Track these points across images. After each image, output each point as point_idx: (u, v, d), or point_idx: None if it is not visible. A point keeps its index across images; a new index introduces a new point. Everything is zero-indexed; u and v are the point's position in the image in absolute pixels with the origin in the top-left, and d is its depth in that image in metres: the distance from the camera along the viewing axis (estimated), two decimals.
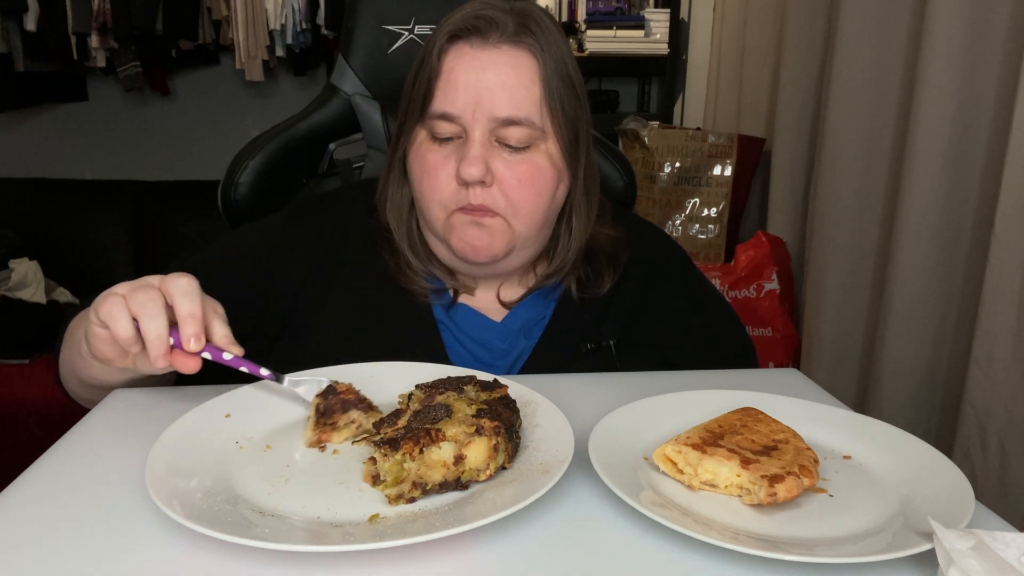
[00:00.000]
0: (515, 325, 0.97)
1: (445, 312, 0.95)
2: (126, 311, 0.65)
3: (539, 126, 0.87)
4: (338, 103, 1.19)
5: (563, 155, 0.90)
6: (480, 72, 0.85)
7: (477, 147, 0.85)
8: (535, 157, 0.88)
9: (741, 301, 2.39)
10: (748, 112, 2.80)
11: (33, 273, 2.79)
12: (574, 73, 0.90)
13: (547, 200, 0.90)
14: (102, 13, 2.81)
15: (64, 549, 0.53)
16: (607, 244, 1.00)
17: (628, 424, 0.69)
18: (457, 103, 0.85)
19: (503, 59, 0.85)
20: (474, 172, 0.84)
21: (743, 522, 0.57)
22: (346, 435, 0.68)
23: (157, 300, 0.65)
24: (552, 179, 0.90)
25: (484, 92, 0.85)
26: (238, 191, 1.11)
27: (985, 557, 0.47)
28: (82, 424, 0.73)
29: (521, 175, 0.87)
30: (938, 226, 1.76)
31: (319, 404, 0.70)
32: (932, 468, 0.64)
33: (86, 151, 3.41)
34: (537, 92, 0.86)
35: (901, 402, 1.87)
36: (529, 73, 0.86)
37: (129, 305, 0.65)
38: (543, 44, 0.87)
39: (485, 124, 0.85)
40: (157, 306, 0.65)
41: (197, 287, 0.67)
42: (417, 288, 0.94)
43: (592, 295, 0.98)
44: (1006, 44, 1.60)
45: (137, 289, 0.66)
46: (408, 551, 0.52)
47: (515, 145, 0.86)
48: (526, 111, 0.85)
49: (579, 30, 2.96)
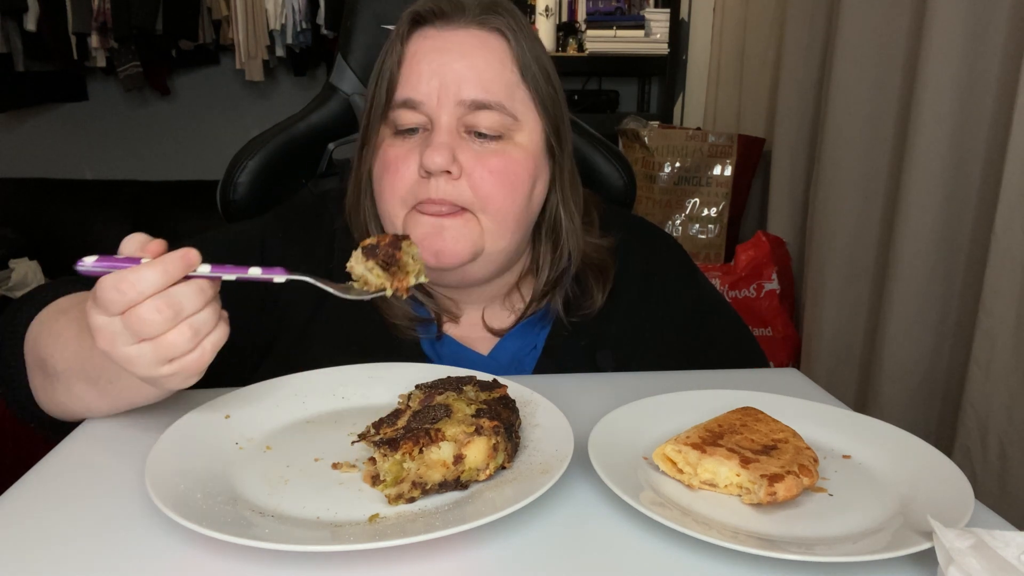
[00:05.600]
0: (504, 358, 0.91)
1: (432, 347, 0.90)
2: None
3: (511, 112, 0.80)
4: (337, 103, 1.19)
5: (544, 148, 0.84)
6: (445, 54, 0.79)
7: (443, 134, 0.78)
8: (508, 148, 0.81)
9: (741, 301, 2.40)
10: (748, 112, 2.80)
11: (33, 273, 2.80)
12: (548, 63, 0.84)
13: (523, 197, 0.82)
14: (102, 13, 2.82)
15: (65, 549, 0.53)
16: (595, 257, 0.93)
17: (628, 424, 0.69)
18: (421, 88, 0.79)
19: (471, 40, 0.80)
20: (438, 160, 0.77)
21: (743, 521, 0.57)
22: (418, 269, 0.66)
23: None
24: (528, 173, 0.82)
25: (450, 75, 0.78)
26: (237, 191, 1.11)
27: (985, 556, 0.47)
28: (83, 425, 0.73)
29: (493, 167, 0.79)
30: (938, 226, 1.76)
31: (373, 261, 0.65)
32: (932, 467, 0.64)
33: (86, 151, 3.41)
34: (509, 76, 0.80)
35: (901, 402, 1.87)
36: (499, 55, 0.80)
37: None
38: (515, 26, 0.81)
39: (452, 110, 0.78)
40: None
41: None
42: (402, 322, 0.87)
43: (583, 316, 0.91)
44: (1006, 44, 1.60)
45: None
46: (408, 551, 0.52)
47: (486, 133, 0.79)
48: (496, 95, 0.79)
49: (579, 30, 2.96)
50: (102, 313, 0.56)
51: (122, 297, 0.55)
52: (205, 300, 0.58)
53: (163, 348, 0.56)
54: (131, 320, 0.55)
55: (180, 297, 0.56)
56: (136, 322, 0.55)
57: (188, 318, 0.57)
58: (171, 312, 0.56)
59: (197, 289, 0.57)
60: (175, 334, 0.56)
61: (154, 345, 0.56)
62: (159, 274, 0.55)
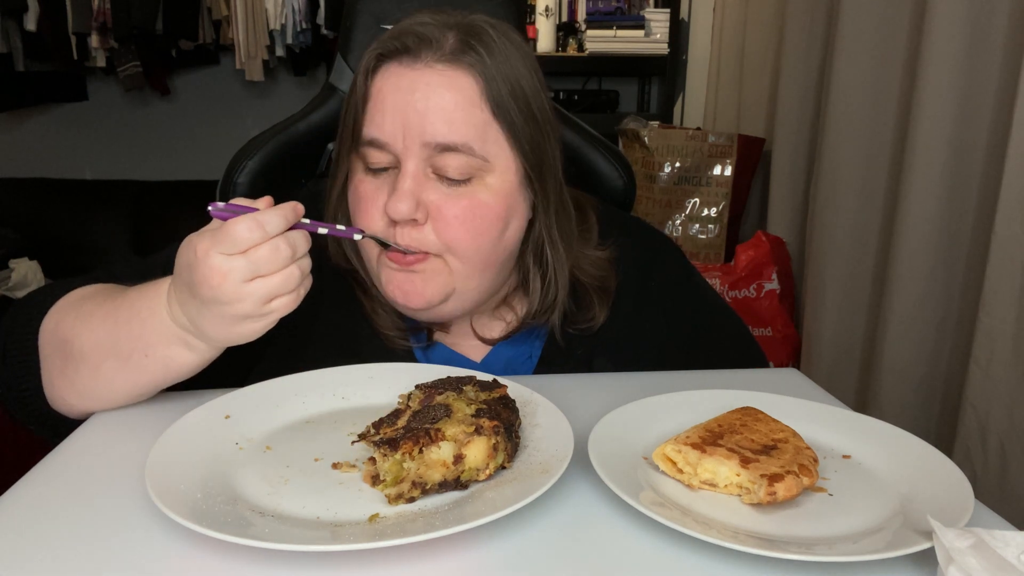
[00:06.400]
0: (496, 365, 0.90)
1: (424, 354, 0.89)
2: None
3: (480, 154, 0.77)
4: (337, 103, 1.19)
5: (521, 186, 0.81)
6: (409, 94, 0.76)
7: (408, 180, 0.76)
8: (478, 192, 0.78)
9: (741, 301, 2.40)
10: (748, 112, 2.80)
11: (33, 273, 2.80)
12: (532, 94, 0.80)
13: (491, 239, 0.80)
14: (102, 13, 2.82)
15: (65, 549, 0.53)
16: (594, 272, 0.91)
17: (628, 424, 0.69)
18: (385, 128, 0.76)
19: (436, 79, 0.76)
20: (403, 208, 0.75)
21: (742, 521, 0.57)
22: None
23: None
24: (498, 217, 0.79)
25: (413, 115, 0.75)
26: (237, 191, 1.11)
27: (985, 555, 0.47)
28: (83, 426, 0.73)
29: (459, 212, 0.77)
30: (938, 226, 1.76)
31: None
32: (931, 467, 0.64)
33: (86, 151, 3.41)
34: (479, 115, 0.76)
35: (901, 402, 1.87)
36: (468, 94, 0.76)
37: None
38: (489, 62, 0.77)
39: (418, 152, 0.76)
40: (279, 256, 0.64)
41: None
42: (393, 333, 0.87)
43: (582, 331, 0.90)
44: (1006, 44, 1.60)
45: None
46: (408, 551, 0.52)
47: (454, 177, 0.77)
48: (463, 136, 0.76)
49: (579, 30, 2.96)
50: (225, 251, 0.62)
51: (251, 235, 0.62)
52: (308, 246, 0.67)
53: (273, 285, 0.64)
54: (256, 257, 0.62)
55: (296, 240, 0.65)
56: (261, 259, 0.62)
57: (298, 260, 0.65)
58: (289, 252, 0.64)
59: (305, 236, 0.66)
60: (285, 274, 0.64)
61: (266, 282, 0.63)
62: (281, 219, 0.63)
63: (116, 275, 0.83)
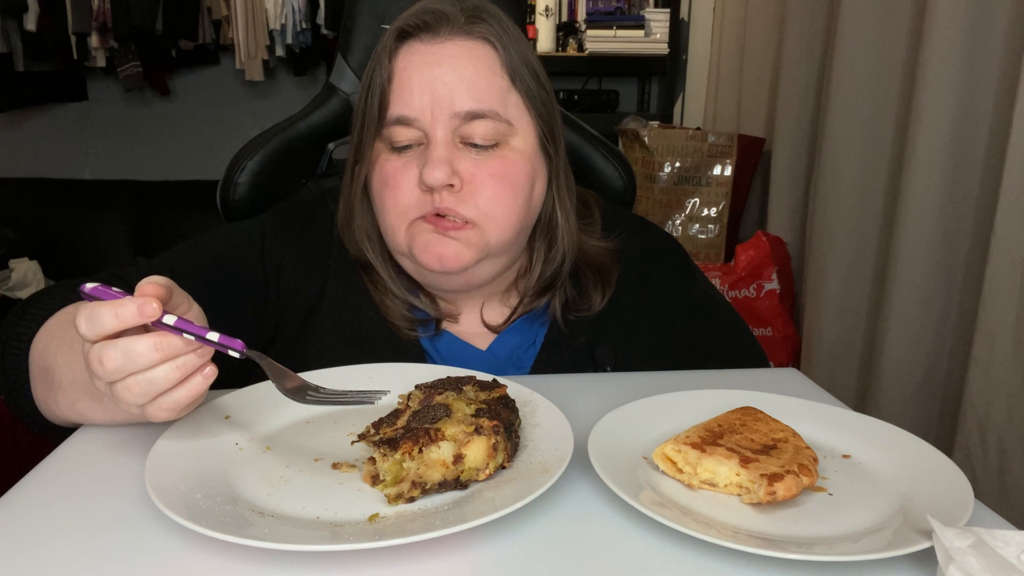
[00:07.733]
0: (502, 353, 0.92)
1: (431, 343, 0.91)
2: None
3: (505, 118, 0.80)
4: (337, 103, 1.19)
5: (539, 149, 0.84)
6: (434, 67, 0.79)
7: (440, 148, 0.78)
8: (506, 153, 0.81)
9: (741, 301, 2.40)
10: (748, 112, 2.80)
11: (33, 273, 2.79)
12: (537, 65, 0.84)
13: (524, 198, 0.83)
14: (102, 13, 2.82)
15: (65, 549, 0.53)
16: (595, 258, 0.93)
17: (628, 424, 0.69)
18: (414, 104, 0.79)
19: (458, 51, 0.80)
20: (439, 175, 0.77)
21: (742, 521, 0.57)
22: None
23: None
24: (527, 174, 0.83)
25: (441, 88, 0.78)
26: (237, 191, 1.11)
27: (984, 555, 0.47)
28: (83, 427, 0.73)
29: (493, 170, 0.80)
30: (938, 226, 1.76)
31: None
32: (931, 467, 0.64)
33: (86, 151, 3.41)
34: (500, 83, 0.80)
35: (901, 402, 1.87)
36: (488, 63, 0.80)
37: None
38: (500, 33, 0.81)
39: (447, 123, 0.79)
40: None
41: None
42: (401, 323, 0.88)
43: (581, 317, 0.92)
44: (1006, 44, 1.60)
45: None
46: (408, 550, 0.52)
47: (482, 143, 0.80)
48: (489, 103, 0.79)
49: (579, 30, 2.96)
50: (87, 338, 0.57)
51: (92, 330, 0.55)
52: (162, 357, 0.56)
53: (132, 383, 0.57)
54: (90, 359, 0.56)
55: (134, 347, 0.55)
56: (92, 361, 0.56)
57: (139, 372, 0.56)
58: (123, 361, 0.55)
59: (151, 346, 0.56)
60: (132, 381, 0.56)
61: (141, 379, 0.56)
62: (112, 317, 0.55)
63: (123, 277, 0.83)
